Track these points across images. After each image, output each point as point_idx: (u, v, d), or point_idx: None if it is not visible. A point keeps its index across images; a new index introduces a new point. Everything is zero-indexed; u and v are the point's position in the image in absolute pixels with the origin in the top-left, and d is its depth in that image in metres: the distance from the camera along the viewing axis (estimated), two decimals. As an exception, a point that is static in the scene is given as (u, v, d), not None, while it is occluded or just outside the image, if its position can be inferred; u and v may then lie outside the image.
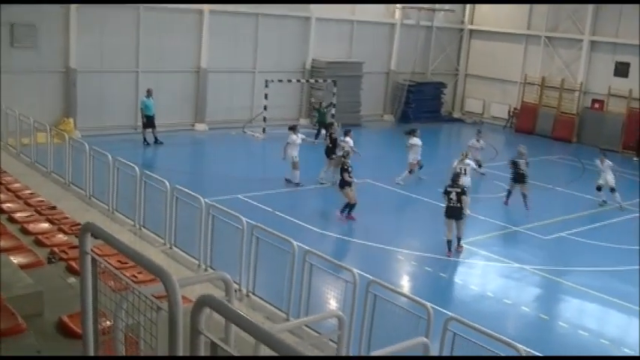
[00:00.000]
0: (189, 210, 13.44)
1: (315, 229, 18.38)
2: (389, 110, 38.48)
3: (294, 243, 10.97)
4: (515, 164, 22.27)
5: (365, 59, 35.65)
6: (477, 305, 14.77)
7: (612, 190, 23.30)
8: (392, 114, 38.38)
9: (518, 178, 21.97)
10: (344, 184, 19.52)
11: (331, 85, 32.94)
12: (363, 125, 35.01)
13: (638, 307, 15.11)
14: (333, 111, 32.50)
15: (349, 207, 19.55)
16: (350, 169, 19.54)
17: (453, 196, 17.40)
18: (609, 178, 23.29)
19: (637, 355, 12.92)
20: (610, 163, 23.61)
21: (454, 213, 17.42)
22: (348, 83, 34.47)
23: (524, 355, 7.84)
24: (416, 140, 24.55)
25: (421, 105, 38.16)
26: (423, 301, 9.17)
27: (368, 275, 10.86)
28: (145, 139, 27.37)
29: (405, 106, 37.94)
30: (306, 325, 9.46)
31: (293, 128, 23.20)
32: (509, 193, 22.37)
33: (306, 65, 34.38)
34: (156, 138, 27.42)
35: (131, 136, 28.00)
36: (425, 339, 7.87)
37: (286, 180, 22.79)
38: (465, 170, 21.01)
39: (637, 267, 17.61)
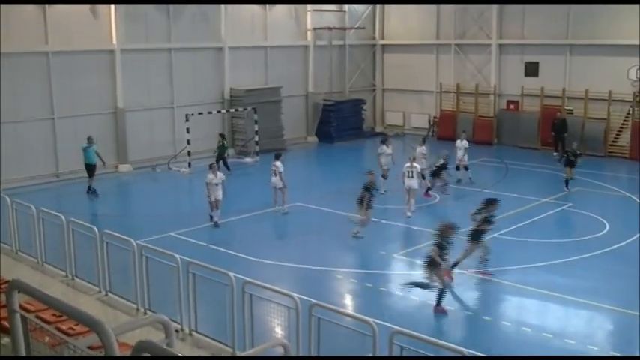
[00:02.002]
0: (122, 254, 13.13)
1: (251, 258, 18.18)
2: (311, 132, 38.63)
3: (231, 274, 10.81)
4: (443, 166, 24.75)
5: (282, 83, 35.79)
6: (420, 315, 14.83)
7: (466, 168, 26.98)
8: (314, 135, 38.53)
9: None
10: None
11: (251, 112, 32.89)
12: (289, 149, 35.02)
13: (574, 297, 15.49)
14: (256, 138, 32.49)
15: None
16: None
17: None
18: (462, 159, 26.84)
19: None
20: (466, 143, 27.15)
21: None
22: (269, 109, 34.49)
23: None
24: (384, 149, 25.80)
25: (343, 123, 38.42)
26: (367, 318, 9.14)
27: (309, 299, 10.77)
28: (89, 188, 25.82)
29: (327, 125, 38.15)
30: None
31: (211, 167, 21.83)
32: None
33: (224, 95, 34.25)
34: (89, 187, 25.88)
35: (53, 185, 27.32)
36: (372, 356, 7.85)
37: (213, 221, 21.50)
38: (412, 173, 22.39)
39: (567, 259, 18.07)
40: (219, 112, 33.25)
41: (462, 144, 27.32)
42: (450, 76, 38.95)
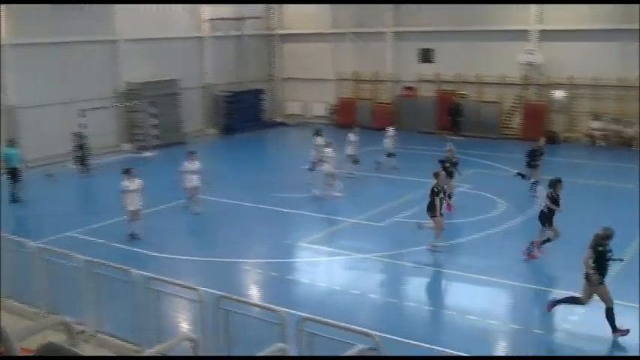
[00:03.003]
0: (20, 257, 12.65)
1: (156, 254, 17.89)
2: (211, 124, 38.26)
3: (134, 271, 10.62)
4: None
5: (180, 76, 35.32)
6: (328, 301, 14.99)
7: (390, 155, 27.19)
8: (215, 127, 38.18)
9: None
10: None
11: (149, 105, 32.27)
12: (188, 142, 34.56)
13: (475, 275, 16.01)
14: (155, 132, 32.00)
15: None
16: None
17: None
18: (389, 146, 27.30)
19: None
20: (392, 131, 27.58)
21: None
22: (167, 102, 34.03)
23: (377, 340, 7.99)
24: (318, 140, 25.39)
25: (243, 114, 38.24)
26: (274, 307, 9.17)
27: (216, 291, 10.70)
28: (13, 196, 23.95)
29: (227, 117, 37.90)
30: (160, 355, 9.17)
31: (127, 172, 19.18)
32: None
33: (120, 89, 33.47)
34: (12, 194, 23.98)
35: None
36: (282, 344, 7.88)
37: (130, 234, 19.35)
38: (324, 159, 22.86)
39: (467, 238, 18.63)
40: (115, 106, 32.46)
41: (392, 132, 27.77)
42: (348, 64, 39.37)
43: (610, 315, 12.84)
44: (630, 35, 30.97)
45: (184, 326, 11.14)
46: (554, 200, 16.73)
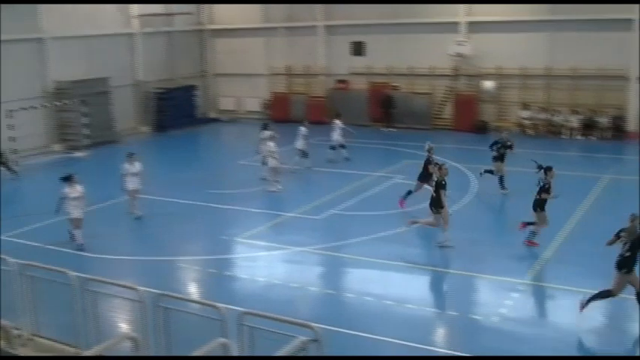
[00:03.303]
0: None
1: (94, 255, 17.63)
2: (144, 121, 37.79)
3: (71, 273, 10.50)
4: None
5: (110, 73, 34.72)
6: (267, 295, 15.07)
7: (342, 146, 27.47)
8: (148, 125, 37.72)
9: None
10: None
11: (80, 104, 31.65)
12: (121, 141, 34.11)
13: (411, 264, 16.32)
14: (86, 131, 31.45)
15: None
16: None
17: None
18: (338, 138, 27.48)
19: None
20: (339, 123, 27.57)
21: None
22: (98, 100, 33.38)
23: (317, 332, 8.11)
24: (266, 134, 24.97)
25: (175, 111, 37.71)
26: (213, 303, 9.20)
27: (156, 290, 10.66)
28: None
29: (160, 114, 37.42)
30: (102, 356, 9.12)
31: (68, 178, 18.15)
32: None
33: (49, 88, 32.74)
34: None
35: None
36: (223, 339, 7.94)
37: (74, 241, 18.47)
38: (268, 153, 23.40)
39: (393, 232, 18.88)
40: (44, 106, 31.73)
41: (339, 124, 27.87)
42: (280, 59, 39.38)
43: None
44: (556, 26, 31.94)
45: (124, 326, 11.07)
46: (547, 189, 16.97)
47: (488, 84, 34.18)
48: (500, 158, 22.39)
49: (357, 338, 12.71)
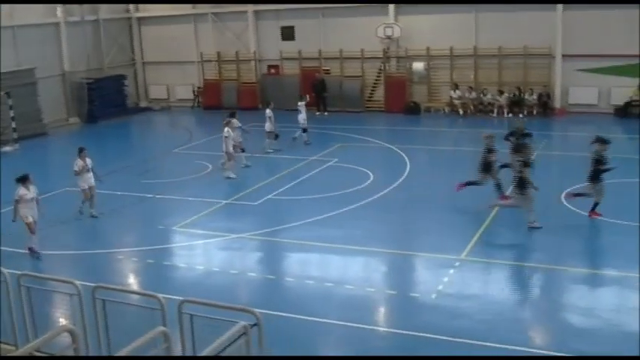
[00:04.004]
0: None
1: (24, 250, 17.22)
2: (73, 113, 36.97)
3: (4, 270, 10.27)
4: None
5: (36, 64, 33.77)
6: (207, 282, 15.02)
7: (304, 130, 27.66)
8: (77, 116, 36.92)
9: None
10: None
11: (5, 97, 30.76)
12: (50, 133, 33.37)
13: (349, 246, 16.48)
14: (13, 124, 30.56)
15: None
16: None
17: None
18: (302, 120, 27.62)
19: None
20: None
21: None
22: (23, 92, 32.47)
23: (258, 316, 8.13)
24: (236, 122, 24.64)
25: (105, 101, 37.03)
26: (152, 293, 9.14)
27: (91, 284, 10.50)
28: None
29: (89, 104, 36.58)
30: (38, 351, 8.96)
31: (23, 179, 16.93)
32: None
33: (-29, 81, 31.74)
34: None
35: None
36: (163, 327, 7.90)
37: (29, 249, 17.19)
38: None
39: (338, 211, 19.06)
40: (-33, 100, 30.76)
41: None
42: (210, 45, 38.99)
43: None
44: (482, 6, 32.44)
45: (62, 320, 10.89)
46: (602, 160, 17.06)
47: (418, 65, 34.54)
48: (518, 149, 18.39)
49: (298, 321, 12.79)
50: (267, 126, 26.59)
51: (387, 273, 15.68)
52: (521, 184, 16.86)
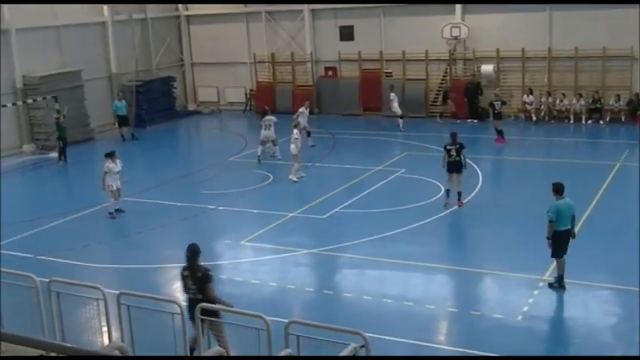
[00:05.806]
0: None
1: (80, 263, 17.97)
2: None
3: (35, 277, 11.54)
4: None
5: (82, 66, 34.74)
6: (284, 301, 15.70)
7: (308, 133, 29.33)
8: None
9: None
10: None
11: (52, 101, 31.72)
12: (97, 138, 34.35)
13: (426, 263, 17.05)
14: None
15: None
16: None
17: (453, 152, 20.99)
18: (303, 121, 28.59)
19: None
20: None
21: (455, 167, 20.95)
22: (70, 95, 33.35)
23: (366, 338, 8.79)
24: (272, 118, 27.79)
25: (153, 104, 37.81)
26: (257, 313, 9.90)
27: (164, 297, 11.23)
28: None
29: (137, 108, 37.24)
30: None
31: (110, 155, 21.74)
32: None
33: (16, 84, 32.88)
34: None
35: None
36: (289, 349, 8.52)
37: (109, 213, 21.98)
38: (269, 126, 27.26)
39: (411, 226, 19.59)
40: (14, 104, 31.86)
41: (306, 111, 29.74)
42: (263, 46, 39.68)
43: None
44: (559, 5, 32.51)
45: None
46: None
47: (487, 68, 34.75)
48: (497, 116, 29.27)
49: (380, 341, 13.35)
50: (302, 122, 28.00)
51: (466, 292, 16.05)
52: None
